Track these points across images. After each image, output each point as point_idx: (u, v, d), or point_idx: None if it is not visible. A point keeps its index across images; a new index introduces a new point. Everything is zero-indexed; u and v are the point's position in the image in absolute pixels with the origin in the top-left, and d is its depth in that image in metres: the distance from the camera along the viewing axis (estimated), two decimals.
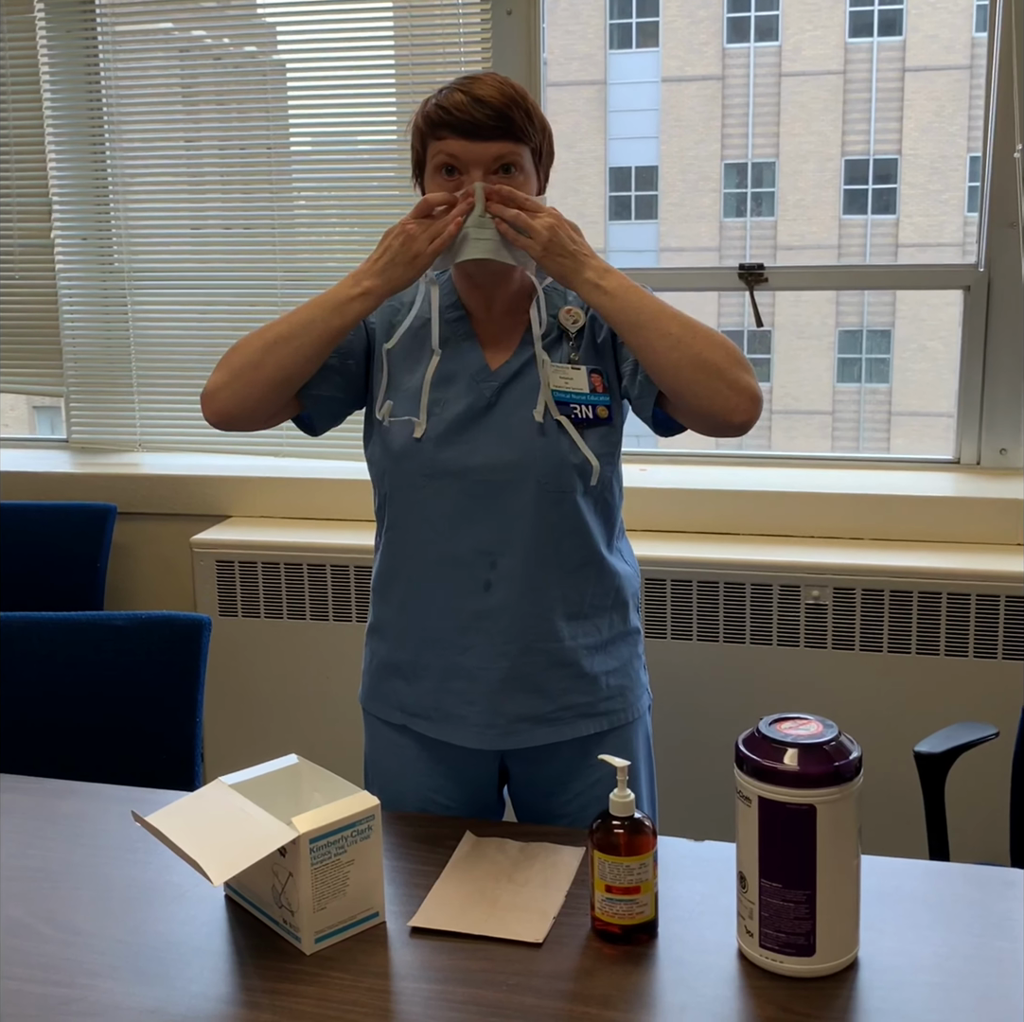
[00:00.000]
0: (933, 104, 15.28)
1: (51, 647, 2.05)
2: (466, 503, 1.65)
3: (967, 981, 1.28)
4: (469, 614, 1.67)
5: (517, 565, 1.65)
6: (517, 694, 1.68)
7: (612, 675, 1.73)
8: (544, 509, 1.64)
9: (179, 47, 3.12)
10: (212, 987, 1.31)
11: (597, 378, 1.66)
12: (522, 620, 1.67)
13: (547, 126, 1.65)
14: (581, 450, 1.63)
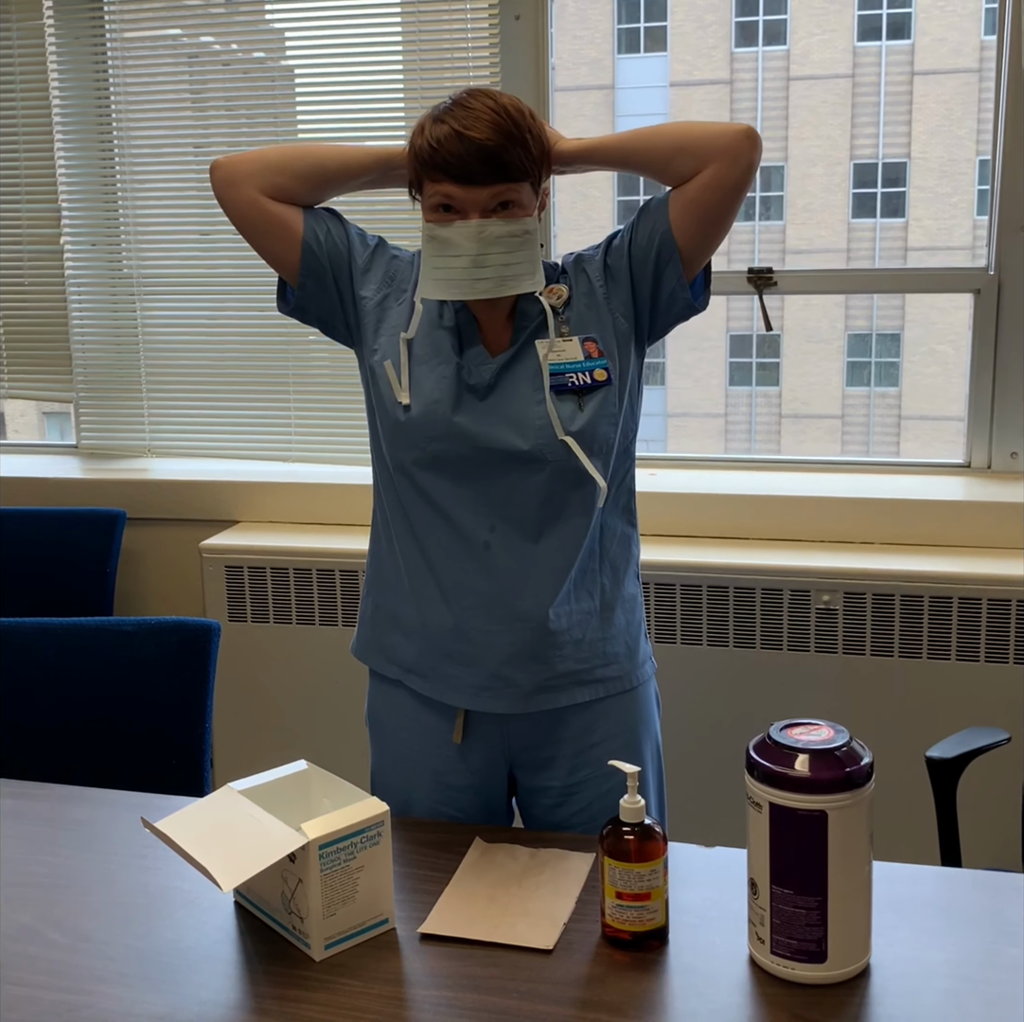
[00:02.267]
0: (942, 107, 15.25)
1: (61, 653, 2.05)
2: (467, 474, 1.67)
3: (979, 987, 1.27)
4: (467, 574, 1.69)
5: (514, 530, 1.67)
6: (513, 659, 1.69)
7: (608, 642, 1.73)
8: (541, 477, 1.66)
9: (188, 53, 3.12)
10: (221, 994, 1.30)
11: (591, 345, 1.68)
12: (518, 584, 1.68)
13: (545, 143, 1.64)
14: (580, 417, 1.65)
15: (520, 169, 1.58)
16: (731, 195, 1.64)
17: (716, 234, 1.68)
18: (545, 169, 1.66)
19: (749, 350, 15.97)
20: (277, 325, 3.09)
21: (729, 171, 1.62)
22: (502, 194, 1.58)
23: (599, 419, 1.66)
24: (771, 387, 16.02)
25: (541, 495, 1.66)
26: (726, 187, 1.63)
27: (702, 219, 1.65)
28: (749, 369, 16.03)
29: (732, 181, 1.62)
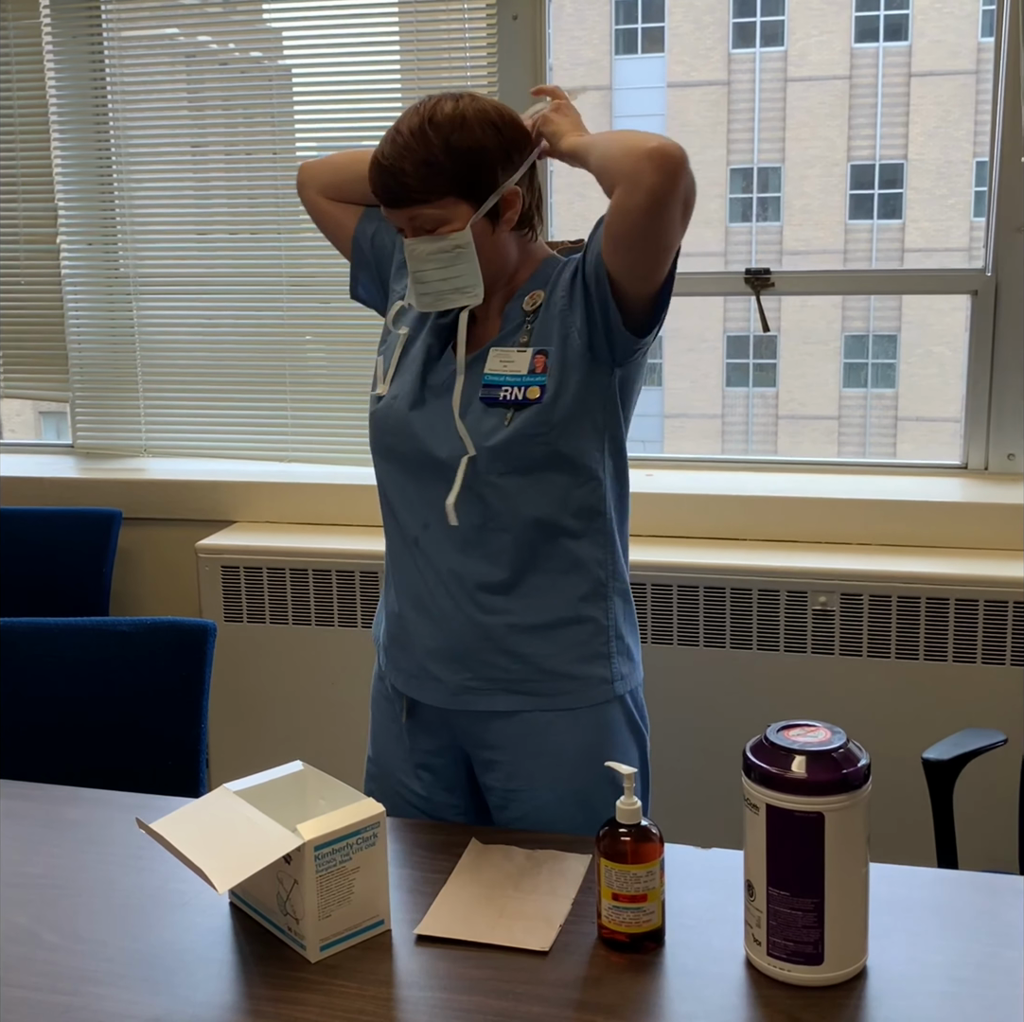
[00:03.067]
0: (939, 109, 15.26)
1: (56, 653, 2.05)
2: (410, 471, 1.72)
3: (976, 990, 1.27)
4: (404, 566, 1.74)
5: (442, 533, 1.69)
6: (436, 654, 1.72)
7: (548, 659, 1.69)
8: (467, 489, 1.66)
9: (185, 53, 3.12)
10: (216, 995, 1.30)
11: (540, 359, 1.64)
12: (445, 585, 1.69)
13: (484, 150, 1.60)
14: (501, 432, 1.63)
15: (425, 191, 1.59)
16: (639, 221, 1.52)
17: (639, 262, 1.57)
18: (483, 175, 1.61)
19: (746, 351, 15.98)
20: (274, 325, 3.09)
21: (629, 197, 1.51)
22: (417, 216, 1.62)
23: (522, 437, 1.63)
24: (768, 388, 16.03)
25: (470, 503, 1.66)
26: (630, 213, 1.52)
27: (618, 245, 1.56)
28: (746, 370, 16.04)
29: (634, 207, 1.50)
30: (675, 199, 1.51)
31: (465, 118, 1.60)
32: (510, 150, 1.64)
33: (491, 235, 1.64)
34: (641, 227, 1.53)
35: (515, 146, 1.65)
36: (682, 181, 1.50)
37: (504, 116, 1.65)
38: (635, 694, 1.77)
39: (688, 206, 1.55)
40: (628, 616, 1.77)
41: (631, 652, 1.76)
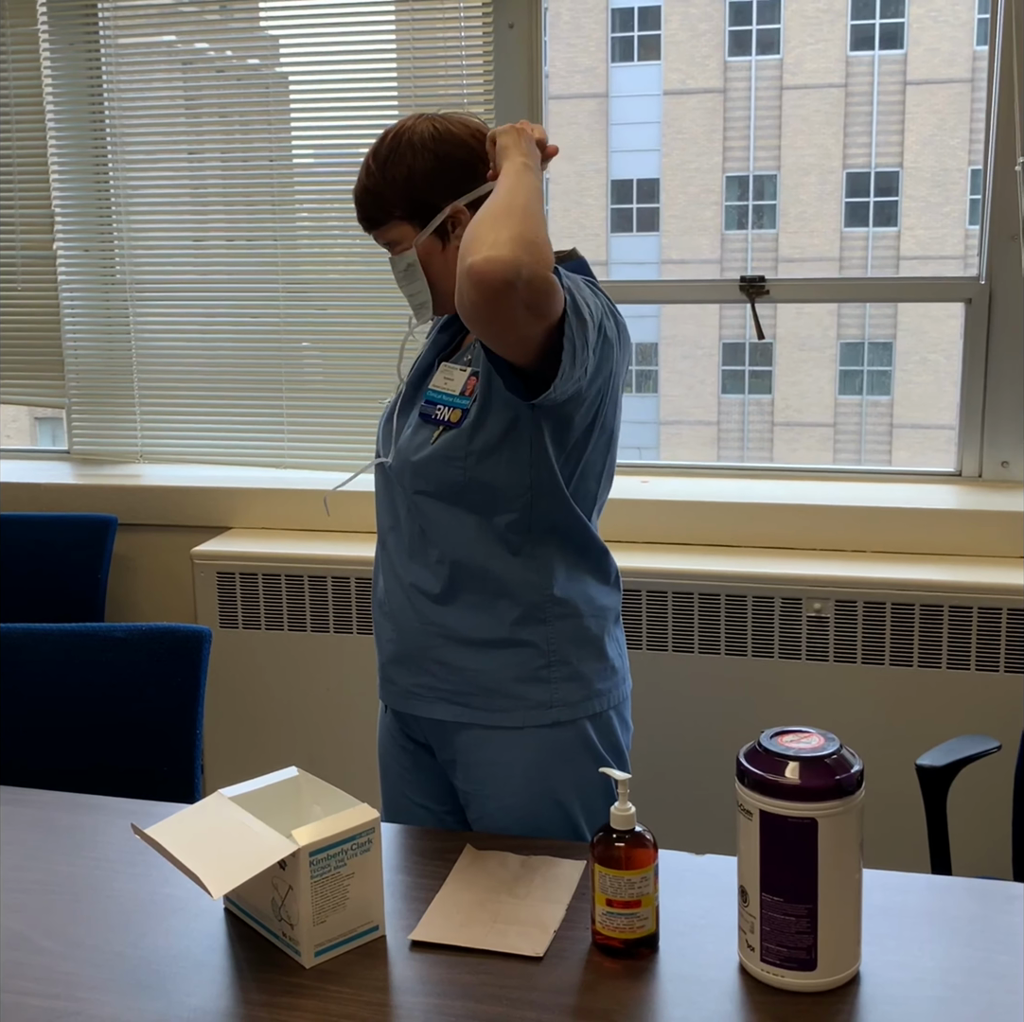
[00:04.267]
0: (934, 117, 15.32)
1: (51, 658, 2.05)
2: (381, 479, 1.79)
3: (970, 995, 1.27)
4: (377, 564, 1.82)
5: (399, 538, 1.75)
6: (395, 656, 1.78)
7: (483, 675, 1.69)
8: (400, 496, 1.73)
9: (182, 59, 3.13)
10: (211, 1001, 1.30)
11: (472, 381, 1.67)
12: (395, 588, 1.76)
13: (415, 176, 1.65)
14: (424, 450, 1.68)
15: (374, 216, 1.72)
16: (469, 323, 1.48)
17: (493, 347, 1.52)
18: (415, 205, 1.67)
19: (742, 358, 16.01)
20: (270, 331, 3.10)
21: (457, 300, 1.46)
22: (379, 238, 1.74)
23: (440, 459, 1.65)
24: (764, 395, 16.07)
25: (409, 512, 1.72)
26: (460, 315, 1.48)
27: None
28: (742, 377, 16.08)
29: (460, 312, 1.47)
30: (502, 313, 1.43)
31: (400, 145, 1.68)
32: (449, 172, 1.66)
33: (441, 252, 1.69)
34: (476, 329, 1.49)
35: (457, 168, 1.66)
36: (509, 298, 1.41)
37: (447, 141, 1.67)
38: (600, 719, 1.72)
39: (535, 307, 1.44)
40: (584, 644, 1.71)
41: (585, 680, 1.71)
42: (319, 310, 3.09)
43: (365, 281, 3.05)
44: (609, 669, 1.74)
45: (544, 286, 1.44)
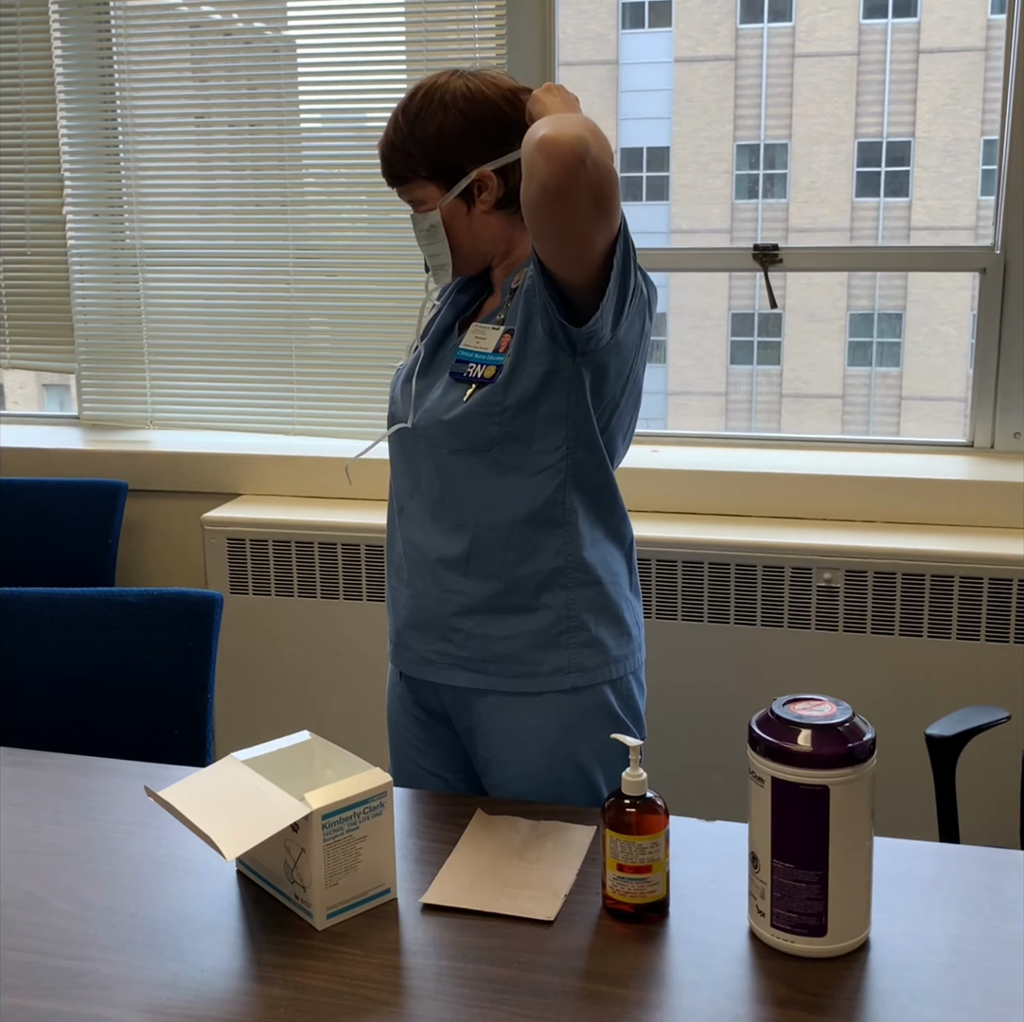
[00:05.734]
0: (947, 86, 15.18)
1: (62, 623, 2.06)
2: (402, 438, 1.76)
3: (978, 962, 1.28)
4: (393, 531, 1.80)
5: (419, 505, 1.73)
6: (407, 621, 1.77)
7: (497, 641, 1.69)
8: (428, 458, 1.71)
9: (189, 23, 3.10)
10: (224, 962, 1.31)
11: (506, 339, 1.65)
12: (413, 554, 1.74)
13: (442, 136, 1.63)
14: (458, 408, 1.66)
15: (400, 174, 1.69)
16: (537, 213, 1.47)
17: (557, 253, 1.52)
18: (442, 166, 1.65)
19: (751, 329, 15.95)
20: (280, 297, 3.09)
21: (525, 187, 1.47)
22: (403, 194, 1.71)
23: (476, 415, 1.64)
24: (772, 366, 16.01)
25: (432, 475, 1.70)
26: (528, 205, 1.48)
27: (532, 234, 1.52)
28: (750, 348, 16.01)
29: (528, 199, 1.47)
30: (571, 193, 1.42)
31: (431, 103, 1.64)
32: (479, 136, 1.64)
33: (465, 215, 1.67)
34: (542, 219, 1.47)
35: (487, 131, 1.64)
36: (579, 174, 1.41)
37: (479, 103, 1.64)
38: (618, 684, 1.73)
39: (600, 198, 1.45)
40: (601, 611, 1.71)
41: (602, 645, 1.71)
42: (329, 276, 3.08)
43: (374, 247, 3.03)
44: (625, 635, 1.74)
45: (609, 173, 1.45)
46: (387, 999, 1.24)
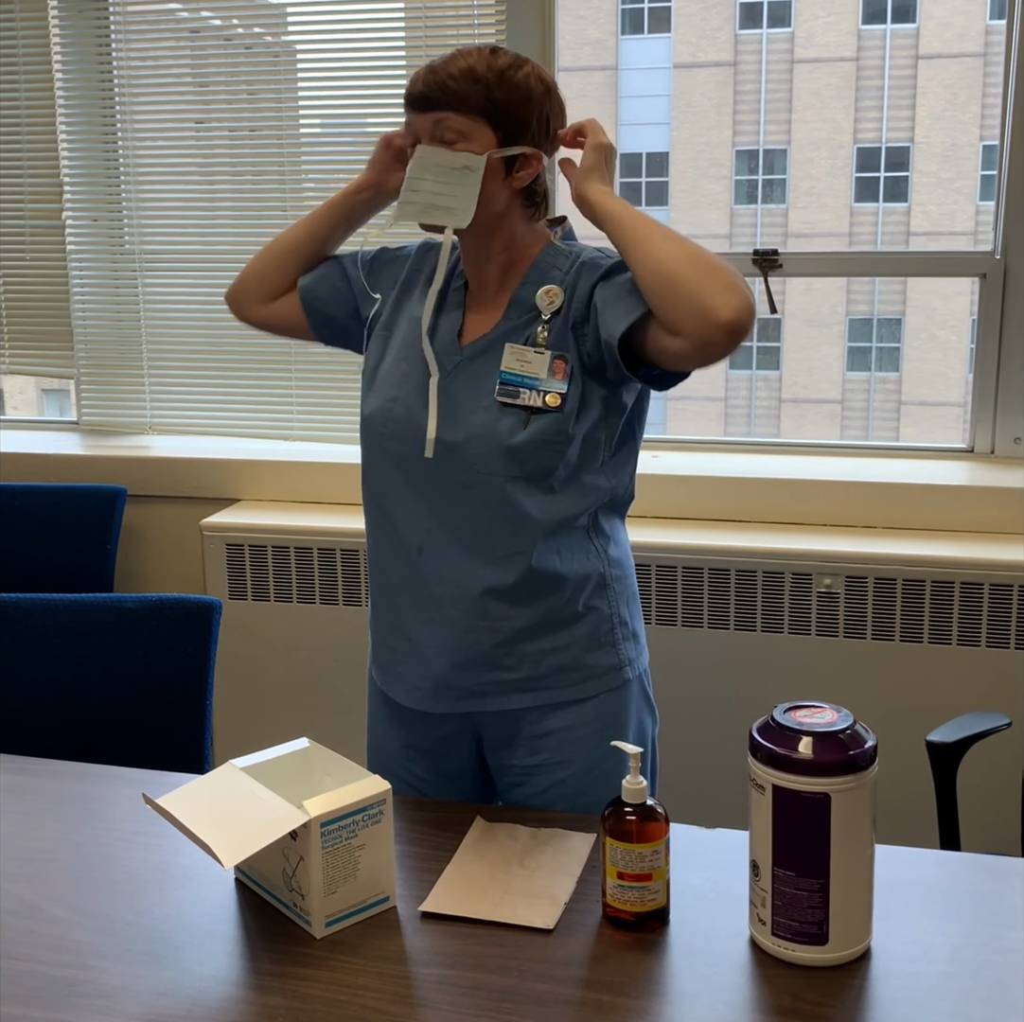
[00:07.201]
0: (946, 92, 15.20)
1: (61, 630, 2.05)
2: (410, 470, 1.69)
3: (980, 970, 1.27)
4: (406, 576, 1.72)
5: (447, 539, 1.67)
6: (443, 661, 1.70)
7: (551, 654, 1.69)
8: (473, 488, 1.64)
9: (190, 28, 3.10)
10: (222, 970, 1.30)
11: (560, 364, 1.62)
12: (450, 592, 1.68)
13: (530, 96, 1.62)
14: (519, 435, 1.61)
15: (462, 98, 1.58)
16: (687, 368, 1.56)
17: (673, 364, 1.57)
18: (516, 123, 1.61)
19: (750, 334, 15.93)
20: None
21: (694, 353, 1.50)
22: (442, 122, 1.59)
23: (540, 443, 1.62)
24: (771, 371, 16.01)
25: (476, 505, 1.64)
26: (684, 364, 1.55)
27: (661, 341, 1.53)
28: (749, 353, 16.01)
29: (693, 363, 1.53)
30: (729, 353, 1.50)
31: (524, 64, 1.63)
32: (551, 116, 1.65)
33: (501, 180, 1.62)
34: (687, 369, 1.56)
35: (555, 121, 1.66)
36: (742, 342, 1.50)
37: (558, 95, 1.68)
38: (646, 674, 1.78)
39: None
40: (631, 600, 1.76)
41: (637, 635, 1.76)
42: None
43: None
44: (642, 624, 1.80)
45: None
46: (386, 1008, 1.24)
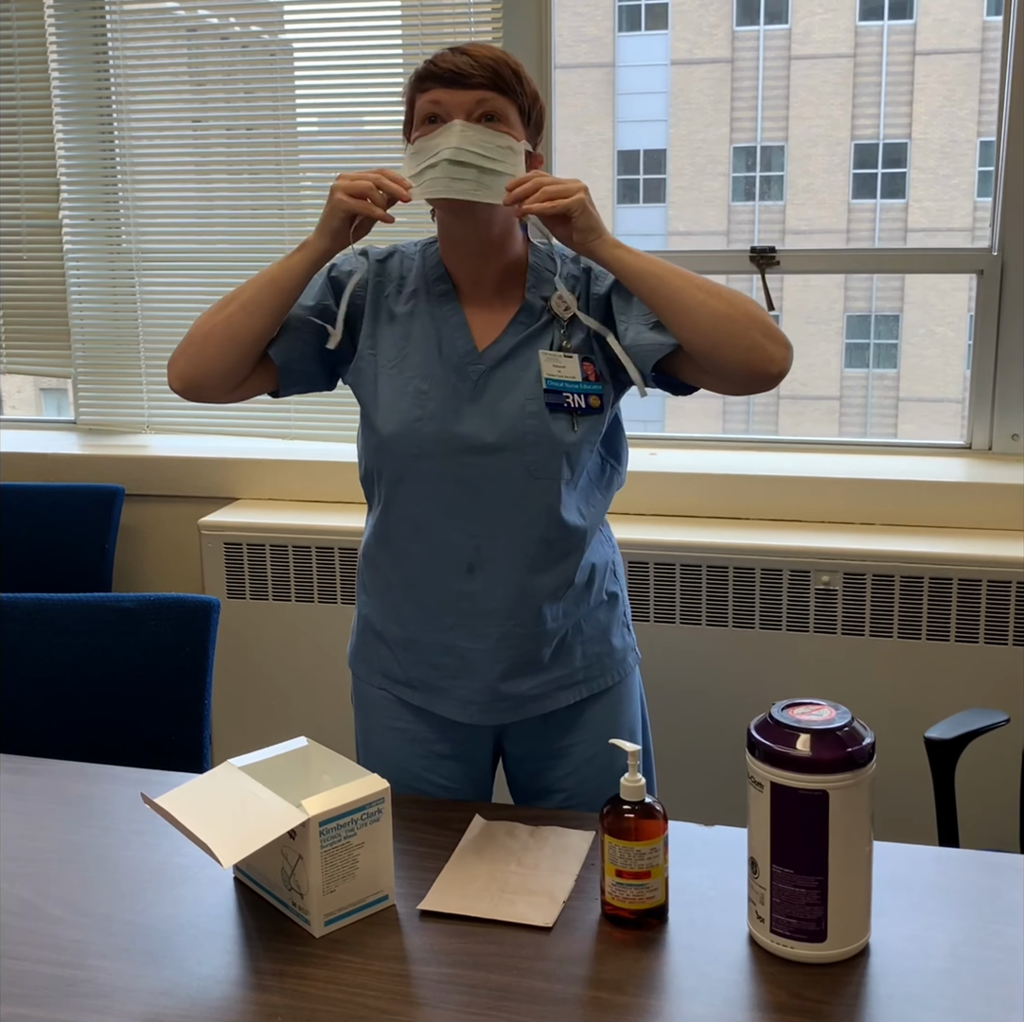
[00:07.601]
0: (943, 88, 15.18)
1: (59, 629, 2.05)
2: (453, 486, 1.66)
3: (978, 967, 1.28)
4: (453, 595, 1.70)
5: (500, 550, 1.67)
6: (498, 673, 1.71)
7: (588, 643, 1.75)
8: (529, 495, 1.65)
9: (186, 27, 3.10)
10: (221, 969, 1.31)
11: (589, 366, 1.66)
12: (504, 604, 1.68)
13: (539, 98, 1.66)
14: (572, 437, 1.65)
15: (508, 84, 1.59)
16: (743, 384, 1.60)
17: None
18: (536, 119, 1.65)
19: None
20: None
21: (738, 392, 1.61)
22: (487, 100, 1.57)
23: (585, 443, 1.67)
24: None
25: (537, 514, 1.66)
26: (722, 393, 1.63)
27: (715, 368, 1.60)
28: None
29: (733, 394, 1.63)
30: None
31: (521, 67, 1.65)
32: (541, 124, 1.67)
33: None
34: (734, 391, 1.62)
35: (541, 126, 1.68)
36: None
37: None
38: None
39: None
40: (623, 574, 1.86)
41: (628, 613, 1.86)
42: None
43: None
44: None
45: None
46: (385, 1007, 1.24)
